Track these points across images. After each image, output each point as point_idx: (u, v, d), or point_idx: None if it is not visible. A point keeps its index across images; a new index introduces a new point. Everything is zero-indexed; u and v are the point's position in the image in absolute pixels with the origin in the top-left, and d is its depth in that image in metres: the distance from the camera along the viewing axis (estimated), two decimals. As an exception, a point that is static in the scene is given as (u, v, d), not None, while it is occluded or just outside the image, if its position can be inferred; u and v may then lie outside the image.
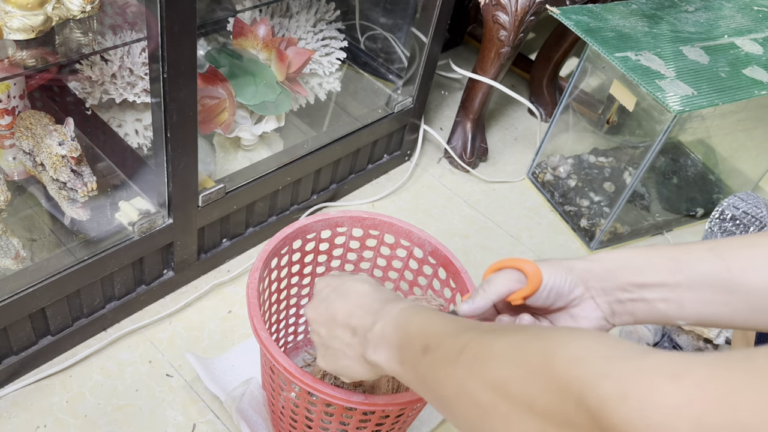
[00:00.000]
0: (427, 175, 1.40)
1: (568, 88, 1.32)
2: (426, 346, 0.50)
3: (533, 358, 0.40)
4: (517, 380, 0.40)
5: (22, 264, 0.90)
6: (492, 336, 0.45)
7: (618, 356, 0.36)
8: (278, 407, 0.81)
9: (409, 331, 0.53)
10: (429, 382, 0.48)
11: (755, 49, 1.21)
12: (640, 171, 1.19)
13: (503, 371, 0.41)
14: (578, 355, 0.37)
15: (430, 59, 1.23)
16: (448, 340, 0.48)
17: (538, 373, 0.39)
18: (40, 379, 0.93)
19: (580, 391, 0.35)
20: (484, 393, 0.42)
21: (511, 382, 0.40)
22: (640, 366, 0.34)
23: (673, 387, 0.32)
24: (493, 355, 0.43)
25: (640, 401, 0.32)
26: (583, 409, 0.35)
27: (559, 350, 0.39)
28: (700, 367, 0.32)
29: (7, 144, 0.98)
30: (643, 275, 0.56)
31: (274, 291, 0.87)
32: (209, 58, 1.09)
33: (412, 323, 0.53)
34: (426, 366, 0.49)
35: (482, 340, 0.45)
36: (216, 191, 1.00)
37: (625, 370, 0.34)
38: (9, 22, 0.74)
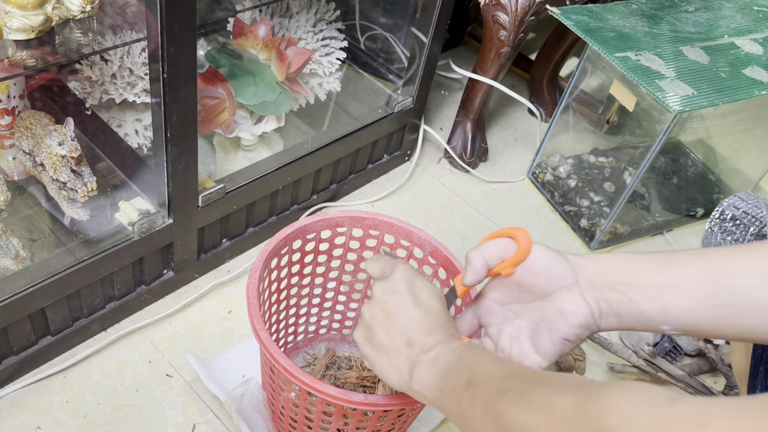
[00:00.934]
0: (427, 175, 1.40)
1: (568, 88, 1.32)
2: (470, 381, 0.51)
3: (566, 408, 0.41)
4: (547, 427, 0.42)
5: (22, 264, 0.90)
6: (533, 384, 0.46)
7: (645, 404, 0.37)
8: (278, 407, 0.81)
9: (460, 364, 0.54)
10: (467, 415, 0.50)
11: (755, 49, 1.21)
12: (640, 171, 1.19)
13: (534, 418, 0.43)
14: (608, 404, 0.39)
15: (430, 59, 1.23)
16: (492, 380, 0.50)
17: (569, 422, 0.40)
18: (40, 379, 0.93)
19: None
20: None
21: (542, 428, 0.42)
22: (666, 414, 0.35)
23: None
24: (528, 400, 0.45)
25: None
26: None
27: (590, 400, 0.40)
28: (724, 415, 0.33)
29: (7, 144, 0.98)
30: (631, 275, 0.56)
31: (274, 291, 0.87)
32: (209, 58, 1.09)
33: (465, 357, 0.54)
34: (467, 399, 0.50)
35: (523, 386, 0.47)
36: (216, 191, 1.00)
37: (651, 419, 0.36)
38: (9, 22, 0.74)
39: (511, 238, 0.60)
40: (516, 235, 0.59)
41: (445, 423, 0.98)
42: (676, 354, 1.12)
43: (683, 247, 1.36)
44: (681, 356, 1.13)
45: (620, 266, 0.57)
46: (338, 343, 1.03)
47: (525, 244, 0.59)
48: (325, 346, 1.02)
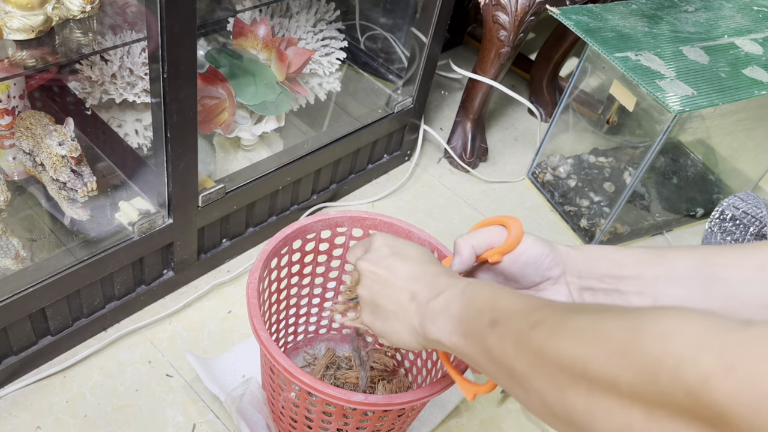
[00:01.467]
0: (427, 175, 1.40)
1: (568, 88, 1.32)
2: (494, 319, 0.48)
3: (617, 335, 0.37)
4: (598, 358, 0.37)
5: (22, 264, 0.90)
6: (570, 313, 0.42)
7: (715, 329, 0.33)
8: (278, 407, 0.81)
9: (475, 304, 0.51)
10: (497, 355, 0.46)
11: (755, 49, 1.21)
12: (640, 171, 1.19)
13: (581, 349, 0.39)
14: (670, 331, 0.35)
15: (430, 59, 1.23)
16: (519, 315, 0.46)
17: (623, 350, 0.36)
18: (40, 379, 0.93)
19: (675, 367, 0.33)
20: (560, 372, 0.40)
21: (591, 360, 0.38)
22: (743, 338, 0.32)
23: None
24: (569, 331, 0.40)
25: (748, 373, 0.30)
26: (679, 386, 0.33)
27: (647, 326, 0.36)
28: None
29: (7, 144, 0.98)
30: (622, 268, 0.55)
31: (274, 291, 0.87)
32: (209, 58, 1.09)
33: (479, 297, 0.51)
34: (494, 339, 0.47)
35: (557, 317, 0.43)
36: (216, 191, 1.00)
37: (727, 343, 0.32)
38: (9, 22, 0.74)
39: (503, 226, 0.59)
40: (507, 223, 0.58)
41: (445, 423, 0.98)
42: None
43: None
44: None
45: (612, 257, 0.56)
46: (338, 343, 1.03)
47: (516, 234, 0.58)
48: (325, 346, 1.02)
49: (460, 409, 1.00)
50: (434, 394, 0.70)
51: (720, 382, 0.31)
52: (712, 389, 0.31)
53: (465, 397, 0.61)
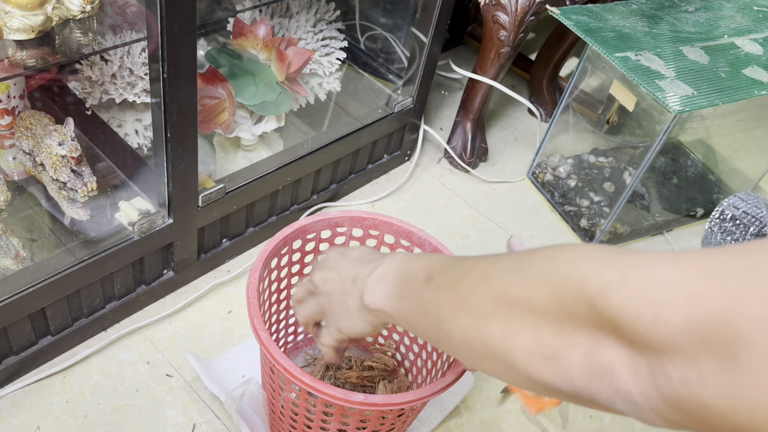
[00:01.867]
0: (427, 175, 1.40)
1: (568, 88, 1.32)
2: (429, 275, 0.50)
3: (535, 263, 0.41)
4: (518, 284, 0.41)
5: (22, 264, 0.90)
6: (498, 257, 0.46)
7: (620, 252, 0.37)
8: (278, 407, 0.81)
9: (411, 267, 0.54)
10: (430, 306, 0.49)
11: (755, 49, 1.21)
12: (640, 171, 1.19)
13: (505, 279, 0.43)
14: (581, 254, 0.39)
15: (430, 59, 1.23)
16: (452, 267, 0.49)
17: (540, 275, 0.40)
18: (40, 379, 0.93)
19: (580, 282, 0.37)
20: (484, 301, 0.43)
21: (512, 287, 0.42)
22: (641, 257, 0.36)
23: (671, 268, 0.33)
24: (498, 269, 0.44)
25: (638, 283, 0.34)
26: (583, 298, 0.36)
27: (562, 254, 0.40)
28: (697, 253, 0.34)
29: (7, 144, 0.98)
30: None
31: (274, 291, 0.87)
32: (209, 58, 1.09)
33: (414, 261, 0.54)
34: (429, 292, 0.50)
35: (489, 260, 0.46)
36: (216, 191, 1.00)
37: (627, 260, 0.36)
38: (9, 22, 0.74)
39: None
40: None
41: (445, 423, 0.98)
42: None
43: (683, 248, 1.36)
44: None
45: None
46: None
47: None
48: (325, 346, 1.02)
49: (460, 409, 1.00)
50: (434, 394, 0.70)
51: (615, 291, 0.35)
52: (607, 297, 0.35)
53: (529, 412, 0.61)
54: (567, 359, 0.38)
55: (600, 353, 0.36)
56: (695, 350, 0.31)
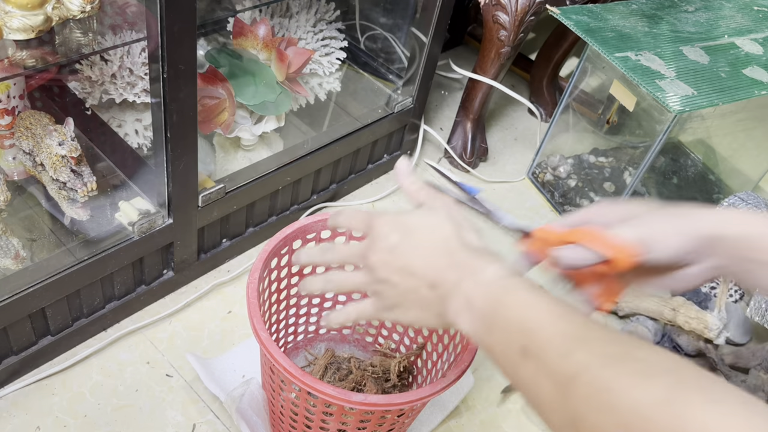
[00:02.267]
0: (427, 175, 1.40)
1: (568, 88, 1.32)
2: (525, 348, 0.44)
3: (662, 421, 0.34)
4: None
5: (22, 264, 0.90)
6: (611, 371, 0.38)
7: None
8: (278, 407, 0.81)
9: (503, 313, 0.47)
10: (530, 389, 0.43)
11: (755, 49, 1.21)
12: (640, 171, 1.19)
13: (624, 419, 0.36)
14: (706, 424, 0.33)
15: (430, 59, 1.23)
16: (554, 354, 0.41)
17: (644, 423, 0.34)
18: (40, 379, 0.93)
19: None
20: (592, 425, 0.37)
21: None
22: None
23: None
24: (614, 405, 0.37)
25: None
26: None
27: (683, 406, 0.34)
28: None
29: (6, 144, 0.98)
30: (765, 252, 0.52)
31: (274, 291, 0.87)
32: (209, 58, 1.09)
33: (508, 306, 0.47)
34: (528, 372, 0.43)
35: (599, 373, 0.38)
36: (216, 191, 1.00)
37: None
38: (9, 22, 0.74)
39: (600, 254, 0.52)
40: (607, 254, 0.51)
41: (445, 423, 0.98)
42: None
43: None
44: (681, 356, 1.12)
45: (760, 242, 0.51)
46: (338, 343, 1.03)
47: (622, 263, 0.51)
48: (325, 346, 1.02)
49: (460, 409, 1.00)
50: (434, 394, 0.70)
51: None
52: None
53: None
54: None
55: None
56: None
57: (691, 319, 1.07)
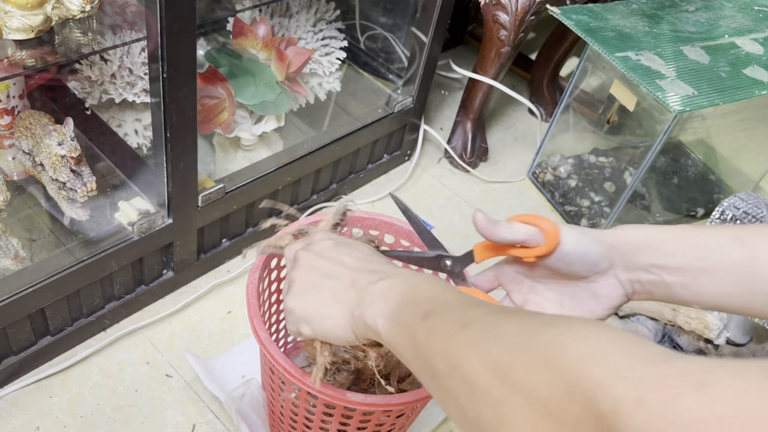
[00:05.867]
0: (427, 175, 1.40)
1: (569, 88, 1.32)
2: (429, 311, 0.46)
3: (543, 346, 0.36)
4: (520, 366, 0.37)
5: (22, 264, 0.90)
6: (503, 316, 0.42)
7: (639, 358, 0.32)
8: (278, 408, 0.81)
9: (415, 293, 0.50)
10: (422, 350, 0.45)
11: (756, 49, 1.21)
12: (640, 171, 1.19)
13: (507, 354, 0.38)
14: (594, 351, 0.34)
15: (430, 59, 1.23)
16: (454, 310, 0.45)
17: (546, 363, 0.35)
18: (40, 379, 0.93)
19: (590, 390, 0.32)
20: (480, 373, 0.39)
21: (513, 367, 0.37)
22: (663, 371, 0.30)
23: (698, 398, 0.28)
24: (499, 335, 0.40)
25: (657, 410, 0.29)
26: (591, 411, 0.32)
27: (573, 343, 0.35)
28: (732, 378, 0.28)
29: (6, 144, 0.98)
30: (667, 257, 0.54)
31: (274, 291, 0.87)
32: (209, 58, 1.09)
33: (420, 287, 0.50)
34: (424, 332, 0.45)
35: (492, 318, 0.42)
36: (216, 191, 1.00)
37: (646, 374, 0.31)
38: (8, 22, 0.74)
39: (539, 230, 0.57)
40: (544, 228, 0.57)
41: (446, 423, 0.98)
42: (676, 354, 1.12)
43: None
44: (681, 356, 1.12)
45: (654, 246, 0.55)
46: (338, 343, 1.03)
47: (552, 241, 0.56)
48: (325, 347, 1.01)
49: (461, 410, 1.00)
50: (434, 394, 0.70)
51: (628, 415, 0.30)
52: (619, 420, 0.30)
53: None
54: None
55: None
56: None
57: (691, 319, 1.07)
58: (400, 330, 0.48)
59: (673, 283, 0.54)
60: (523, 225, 0.58)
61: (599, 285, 0.57)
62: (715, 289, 0.53)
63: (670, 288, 0.55)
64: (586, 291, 0.58)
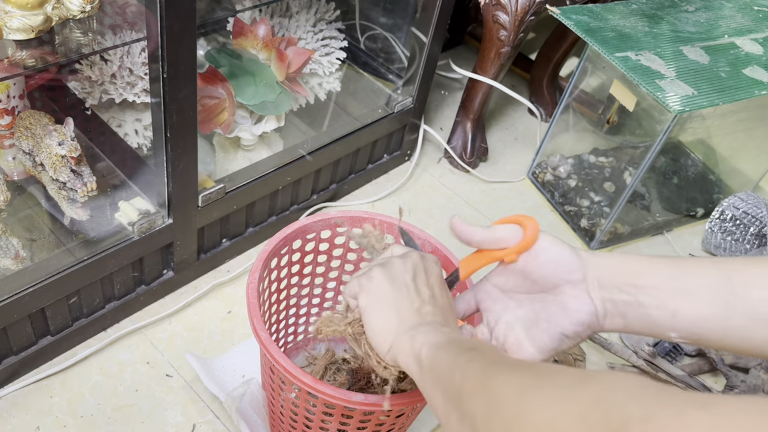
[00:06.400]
0: (427, 175, 1.40)
1: (568, 88, 1.32)
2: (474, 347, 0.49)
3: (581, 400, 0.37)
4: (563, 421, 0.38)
5: (22, 264, 0.90)
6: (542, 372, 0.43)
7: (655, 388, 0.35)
8: (278, 407, 0.81)
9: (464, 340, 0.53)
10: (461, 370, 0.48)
11: (755, 49, 1.21)
12: (640, 171, 1.19)
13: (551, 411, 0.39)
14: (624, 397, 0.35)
15: (430, 59, 1.23)
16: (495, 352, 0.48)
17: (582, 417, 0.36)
18: (40, 379, 0.93)
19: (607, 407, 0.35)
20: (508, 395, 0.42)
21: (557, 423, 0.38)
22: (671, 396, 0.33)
23: (702, 414, 0.31)
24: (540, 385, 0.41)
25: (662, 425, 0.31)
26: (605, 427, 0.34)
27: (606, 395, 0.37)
28: (731, 402, 0.31)
29: (6, 144, 0.98)
30: (643, 277, 0.54)
31: (274, 291, 0.87)
32: (209, 58, 1.09)
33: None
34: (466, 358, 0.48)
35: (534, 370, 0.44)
36: (216, 191, 1.00)
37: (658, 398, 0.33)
38: (9, 22, 0.74)
39: (519, 225, 0.59)
40: (523, 222, 0.58)
41: (445, 423, 0.98)
42: (676, 354, 1.12)
43: (684, 247, 1.36)
44: (681, 356, 1.13)
45: (632, 267, 0.55)
46: (338, 343, 1.03)
47: (531, 233, 0.58)
48: (324, 346, 1.02)
49: (460, 409, 1.00)
50: (434, 394, 0.70)
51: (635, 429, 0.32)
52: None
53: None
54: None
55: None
56: None
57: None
58: (442, 353, 0.50)
59: (648, 304, 0.54)
60: (501, 225, 0.60)
61: (569, 296, 0.57)
62: (692, 311, 0.53)
63: (644, 309, 0.54)
64: (555, 304, 0.58)
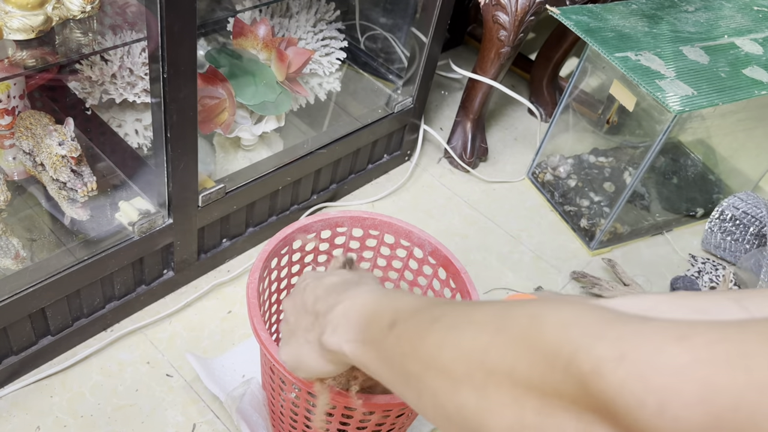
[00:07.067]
0: (427, 175, 1.40)
1: (568, 88, 1.32)
2: (394, 320, 0.45)
3: (517, 323, 0.36)
4: (496, 347, 0.36)
5: (22, 264, 0.90)
6: (472, 306, 0.41)
7: (616, 320, 0.32)
8: (278, 407, 0.81)
9: (376, 308, 0.49)
10: (393, 357, 0.44)
11: (755, 49, 1.21)
12: (640, 171, 1.19)
13: (481, 338, 0.37)
14: (570, 319, 0.33)
15: (430, 59, 1.23)
16: (420, 313, 0.44)
17: (522, 338, 0.35)
18: (40, 379, 0.93)
19: (570, 354, 0.32)
20: (456, 362, 0.38)
21: (489, 350, 0.36)
22: (642, 329, 0.30)
23: (680, 347, 0.28)
24: (472, 322, 0.39)
25: (639, 363, 0.29)
26: (572, 374, 0.31)
27: (548, 315, 0.35)
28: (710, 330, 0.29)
29: (7, 144, 0.98)
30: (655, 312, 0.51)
31: (274, 291, 0.87)
32: (209, 58, 1.09)
33: (380, 301, 0.49)
34: (392, 340, 0.44)
35: (461, 309, 0.41)
36: (216, 191, 1.00)
37: (625, 333, 0.31)
38: (9, 22, 0.74)
39: None
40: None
41: (445, 423, 0.98)
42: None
43: (683, 247, 1.36)
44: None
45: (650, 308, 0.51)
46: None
47: None
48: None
49: (460, 409, 1.00)
50: (434, 394, 0.70)
51: (611, 371, 0.30)
52: (602, 377, 0.30)
53: None
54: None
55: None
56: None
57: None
58: (367, 348, 0.47)
59: None
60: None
61: None
62: None
63: None
64: None
